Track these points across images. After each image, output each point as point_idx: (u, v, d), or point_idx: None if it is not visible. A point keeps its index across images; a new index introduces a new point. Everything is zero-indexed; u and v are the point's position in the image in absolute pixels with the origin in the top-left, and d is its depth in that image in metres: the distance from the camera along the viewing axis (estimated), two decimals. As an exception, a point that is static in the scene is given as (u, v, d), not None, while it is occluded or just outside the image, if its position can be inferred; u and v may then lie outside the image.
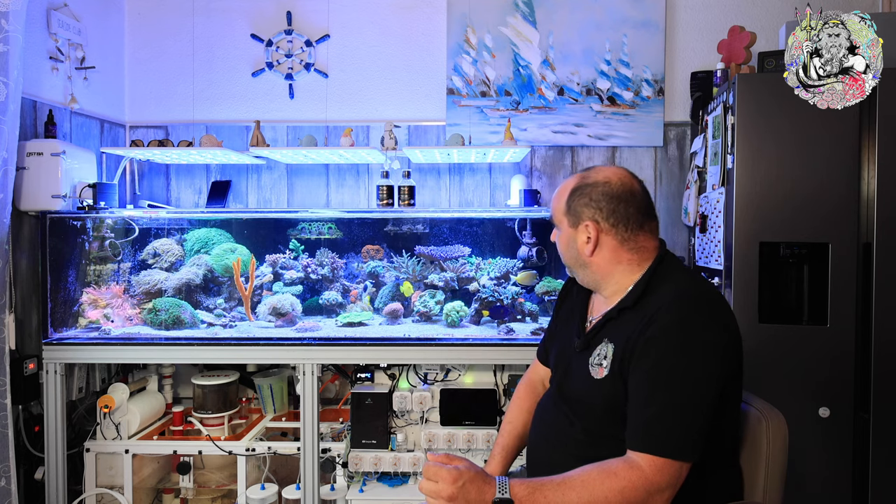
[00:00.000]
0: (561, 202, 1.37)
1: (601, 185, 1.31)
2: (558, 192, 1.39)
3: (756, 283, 2.22)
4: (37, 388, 2.38)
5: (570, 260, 1.39)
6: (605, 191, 1.31)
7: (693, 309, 1.19)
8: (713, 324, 1.18)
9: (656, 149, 3.00)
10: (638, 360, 1.18)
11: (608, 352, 1.26)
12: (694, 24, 2.98)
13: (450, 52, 3.03)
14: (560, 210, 1.37)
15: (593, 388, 1.26)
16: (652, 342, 1.17)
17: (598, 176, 1.33)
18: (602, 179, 1.32)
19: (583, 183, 1.34)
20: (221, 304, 2.72)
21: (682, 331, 1.16)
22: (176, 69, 3.11)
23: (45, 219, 2.41)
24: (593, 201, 1.31)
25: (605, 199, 1.31)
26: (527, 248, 2.77)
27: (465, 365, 2.49)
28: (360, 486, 2.41)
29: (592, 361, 1.29)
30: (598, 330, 1.32)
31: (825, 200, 2.18)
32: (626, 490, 1.09)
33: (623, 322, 1.27)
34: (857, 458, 2.20)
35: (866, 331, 2.17)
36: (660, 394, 1.14)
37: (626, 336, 1.23)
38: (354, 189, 3.10)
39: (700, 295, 1.22)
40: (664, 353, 1.16)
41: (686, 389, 1.14)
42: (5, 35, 2.08)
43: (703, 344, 1.16)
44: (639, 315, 1.23)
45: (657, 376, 1.16)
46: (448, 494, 1.08)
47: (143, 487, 2.59)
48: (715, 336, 1.17)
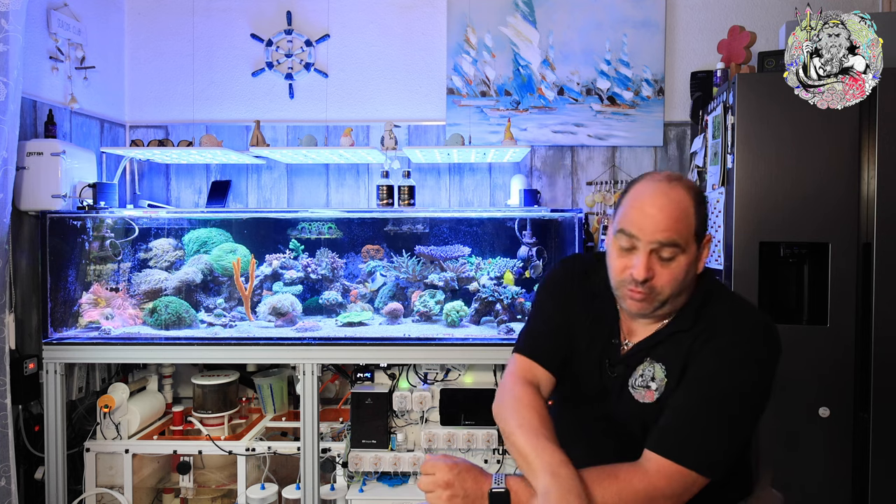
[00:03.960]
0: (688, 220, 1.14)
1: (700, 189, 1.21)
2: (674, 213, 1.13)
3: (756, 282, 2.22)
4: (37, 387, 2.38)
5: (680, 289, 1.17)
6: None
7: (755, 331, 1.15)
8: (772, 348, 1.15)
9: (656, 149, 3.00)
10: (689, 375, 1.14)
11: (655, 372, 1.18)
12: (694, 24, 2.98)
13: (450, 52, 3.03)
14: (689, 231, 1.14)
15: (640, 412, 1.18)
16: (709, 360, 1.12)
17: (689, 180, 1.20)
18: (692, 183, 1.19)
19: (694, 187, 1.19)
20: (221, 303, 2.72)
21: (742, 351, 1.12)
22: (176, 69, 3.11)
23: (45, 218, 2.41)
24: (706, 207, 1.20)
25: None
26: (527, 248, 2.77)
27: (465, 365, 2.49)
28: (360, 486, 2.41)
29: (634, 383, 1.20)
30: (634, 352, 1.23)
31: (825, 200, 2.18)
32: (625, 492, 1.05)
33: (674, 343, 1.19)
34: (857, 457, 2.20)
35: (866, 331, 2.17)
36: (703, 405, 1.10)
37: (677, 355, 1.17)
38: (354, 189, 3.10)
39: (760, 317, 1.18)
40: (719, 369, 1.11)
41: (733, 409, 1.10)
42: (5, 35, 2.08)
43: (760, 367, 1.12)
44: (692, 334, 1.17)
45: (707, 391, 1.11)
46: (445, 480, 1.08)
47: (143, 487, 2.59)
48: (772, 359, 1.14)
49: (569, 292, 1.33)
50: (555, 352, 1.29)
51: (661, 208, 1.13)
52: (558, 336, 1.30)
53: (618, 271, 1.19)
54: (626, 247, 1.17)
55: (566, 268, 1.38)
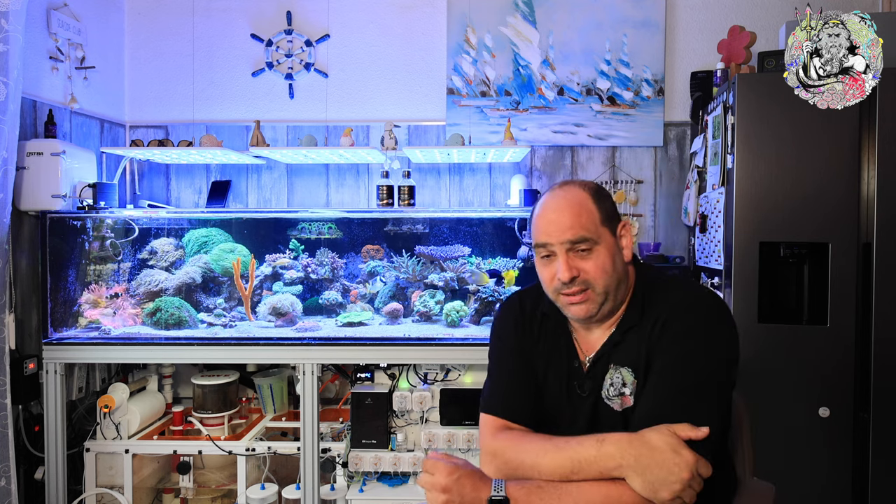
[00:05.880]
0: (589, 213, 1.18)
1: (597, 184, 1.25)
2: (572, 209, 1.17)
3: (756, 282, 2.22)
4: (37, 387, 2.38)
5: (614, 279, 1.19)
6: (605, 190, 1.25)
7: (710, 310, 1.16)
8: (729, 322, 1.17)
9: (656, 149, 3.00)
10: (655, 367, 1.14)
11: (625, 377, 1.18)
12: (694, 24, 2.98)
13: (450, 52, 3.03)
14: (593, 222, 1.17)
15: (623, 419, 1.18)
16: (671, 347, 1.13)
17: (583, 181, 1.26)
18: (587, 181, 1.26)
19: (590, 183, 1.24)
20: (221, 303, 2.72)
21: (703, 333, 1.14)
22: (176, 69, 3.11)
23: (45, 218, 2.41)
24: (610, 198, 1.23)
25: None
26: (527, 248, 2.77)
27: (465, 365, 2.49)
28: (360, 486, 2.41)
29: (609, 395, 1.19)
30: (595, 363, 1.23)
31: (825, 200, 2.18)
32: (626, 496, 1.05)
33: (631, 342, 1.20)
34: (857, 457, 2.20)
35: (866, 331, 2.17)
36: (676, 390, 1.11)
37: (638, 353, 1.17)
38: (354, 189, 3.10)
39: (710, 297, 1.19)
40: (684, 354, 1.12)
41: (707, 390, 1.11)
42: (5, 35, 2.08)
43: (725, 344, 1.14)
44: (645, 327, 1.18)
45: (677, 377, 1.11)
46: (443, 485, 1.07)
47: (143, 487, 2.59)
48: (732, 333, 1.16)
49: (520, 333, 1.31)
50: (525, 404, 1.26)
51: (560, 211, 1.18)
52: (524, 385, 1.27)
53: (548, 281, 1.21)
54: (545, 257, 1.21)
55: (506, 308, 1.37)
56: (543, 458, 1.11)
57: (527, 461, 1.13)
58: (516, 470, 1.13)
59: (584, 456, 1.07)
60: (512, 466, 1.14)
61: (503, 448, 1.18)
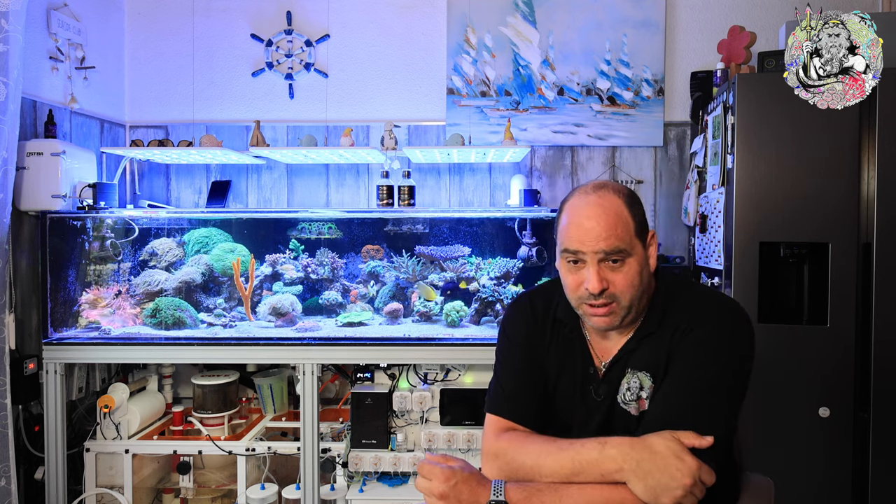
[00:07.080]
0: (626, 223, 1.14)
1: (630, 189, 1.21)
2: (609, 218, 1.13)
3: (756, 282, 2.22)
4: (37, 387, 2.38)
5: (640, 292, 1.16)
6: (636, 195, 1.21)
7: (733, 316, 1.16)
8: (749, 329, 1.16)
9: (656, 149, 3.00)
10: (674, 369, 1.14)
11: (642, 382, 1.17)
12: (694, 24, 2.98)
13: (450, 52, 3.03)
14: (628, 233, 1.14)
15: (639, 422, 1.16)
16: (691, 351, 1.13)
17: (616, 184, 1.21)
18: (621, 184, 1.22)
19: (624, 189, 1.19)
20: (221, 303, 2.72)
21: (727, 338, 1.13)
22: (176, 69, 3.10)
23: (45, 219, 2.41)
24: (641, 205, 1.20)
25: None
26: (527, 248, 2.77)
27: (465, 365, 2.49)
28: (360, 486, 2.41)
29: (625, 399, 1.19)
30: (610, 368, 1.21)
31: (825, 200, 2.18)
32: (627, 500, 1.04)
33: (649, 347, 1.18)
34: (857, 457, 2.20)
35: (866, 331, 2.17)
36: (693, 392, 1.10)
37: (658, 358, 1.16)
38: (354, 189, 3.10)
39: (731, 303, 1.19)
40: (705, 358, 1.12)
41: (718, 396, 1.10)
42: (5, 35, 2.08)
43: (744, 351, 1.14)
44: (666, 333, 1.17)
45: (695, 380, 1.10)
46: (440, 492, 1.06)
47: (143, 487, 2.59)
48: (751, 341, 1.15)
49: (530, 334, 1.29)
50: (530, 405, 1.24)
51: (596, 219, 1.13)
52: (530, 386, 1.26)
53: (573, 288, 1.18)
54: (573, 262, 1.16)
55: (516, 308, 1.35)
56: (545, 459, 1.10)
57: (528, 462, 1.12)
58: (518, 471, 1.13)
59: (585, 458, 1.07)
60: (513, 467, 1.14)
61: (505, 449, 1.17)
